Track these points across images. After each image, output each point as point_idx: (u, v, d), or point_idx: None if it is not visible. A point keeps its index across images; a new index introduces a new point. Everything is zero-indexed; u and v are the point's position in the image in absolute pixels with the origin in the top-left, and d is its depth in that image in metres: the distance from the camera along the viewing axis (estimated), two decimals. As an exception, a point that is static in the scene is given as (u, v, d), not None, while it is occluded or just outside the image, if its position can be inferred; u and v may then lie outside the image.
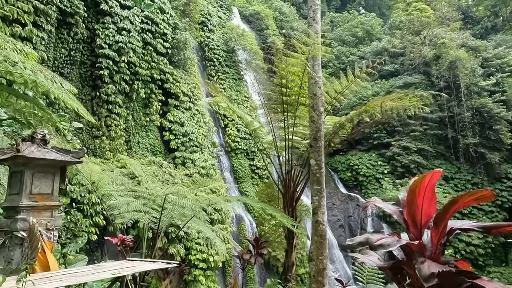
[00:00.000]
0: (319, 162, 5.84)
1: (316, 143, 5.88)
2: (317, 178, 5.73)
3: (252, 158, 24.98)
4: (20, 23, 13.22)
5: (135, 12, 18.54)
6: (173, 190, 5.14)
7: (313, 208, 5.47)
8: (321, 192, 5.62)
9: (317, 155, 5.85)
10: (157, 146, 19.12)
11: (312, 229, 5.38)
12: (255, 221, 22.54)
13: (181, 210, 4.57)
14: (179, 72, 21.53)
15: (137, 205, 4.73)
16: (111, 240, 5.69)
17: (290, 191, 6.52)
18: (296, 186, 6.54)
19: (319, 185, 5.65)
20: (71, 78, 16.24)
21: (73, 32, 16.02)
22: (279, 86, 6.15)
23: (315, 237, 5.35)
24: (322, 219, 5.58)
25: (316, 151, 5.85)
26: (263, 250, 9.93)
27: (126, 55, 17.53)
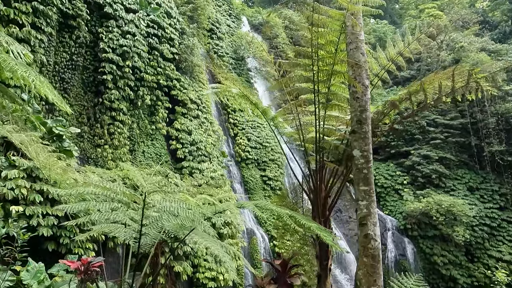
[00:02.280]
0: (365, 153, 4.39)
1: (361, 127, 4.43)
2: (364, 175, 4.27)
3: (263, 168, 23.71)
4: (18, 23, 12.47)
5: (141, 16, 17.81)
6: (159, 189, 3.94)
7: (360, 217, 4.13)
8: (371, 194, 4.24)
9: (362, 143, 4.39)
10: (163, 156, 18.05)
11: (359, 246, 4.06)
12: (267, 236, 21.11)
13: (174, 221, 3.36)
14: (186, 79, 20.64)
15: (103, 210, 3.42)
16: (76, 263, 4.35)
17: (321, 197, 5.16)
18: (329, 189, 5.21)
19: (367, 185, 4.25)
20: (73, 84, 15.41)
21: (75, 35, 15.27)
22: (306, 58, 4.95)
23: (364, 258, 3.94)
24: (374, 232, 4.09)
25: (362, 137, 4.40)
26: (295, 280, 6.83)
27: (130, 59, 16.69)
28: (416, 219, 24.65)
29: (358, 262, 3.91)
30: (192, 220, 3.02)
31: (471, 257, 24.04)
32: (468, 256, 24.06)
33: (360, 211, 4.13)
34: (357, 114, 4.56)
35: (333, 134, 5.29)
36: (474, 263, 23.87)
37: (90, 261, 3.72)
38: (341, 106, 5.16)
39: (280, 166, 24.41)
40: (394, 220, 26.32)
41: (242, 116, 24.92)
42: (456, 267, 23.57)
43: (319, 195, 5.01)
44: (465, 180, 26.73)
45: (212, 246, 5.02)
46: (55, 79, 14.67)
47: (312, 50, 4.83)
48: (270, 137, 25.18)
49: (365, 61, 4.35)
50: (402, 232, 25.74)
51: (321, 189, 5.05)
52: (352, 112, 4.44)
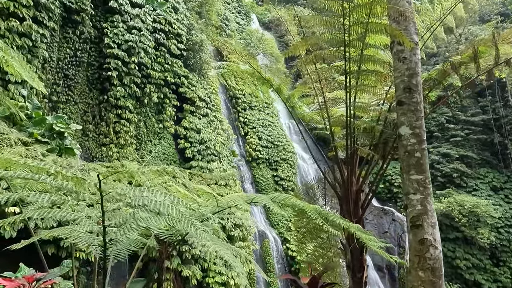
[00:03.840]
0: (417, 130, 3.32)
1: (411, 97, 3.37)
2: (416, 160, 3.22)
3: (275, 168, 22.87)
4: (18, 17, 11.97)
5: (147, 10, 17.24)
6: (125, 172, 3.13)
7: (412, 217, 3.17)
8: (426, 185, 3.22)
9: (413, 118, 3.34)
10: (171, 155, 17.40)
11: (410, 256, 3.15)
12: (280, 238, 20.25)
13: (154, 221, 2.56)
14: (195, 76, 19.98)
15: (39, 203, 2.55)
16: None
17: (352, 191, 4.24)
18: (362, 182, 4.27)
19: (420, 173, 3.18)
20: (77, 81, 14.89)
21: (79, 31, 14.76)
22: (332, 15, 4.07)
23: (419, 271, 2.84)
24: (433, 237, 3.10)
25: (412, 110, 3.36)
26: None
27: (136, 55, 16.11)
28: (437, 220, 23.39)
29: (410, 276, 3.00)
30: (182, 220, 2.24)
31: (497, 261, 22.67)
32: (493, 260, 22.69)
33: (411, 208, 3.17)
34: (405, 80, 3.48)
35: (366, 113, 4.41)
36: (500, 267, 22.50)
37: (38, 278, 2.99)
38: (379, 73, 4.22)
39: (292, 166, 23.55)
40: (413, 221, 25.11)
41: (252, 114, 24.17)
42: (481, 272, 22.24)
43: (350, 190, 4.09)
44: (488, 180, 25.34)
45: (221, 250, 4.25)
46: (58, 76, 14.17)
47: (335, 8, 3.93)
48: (282, 136, 24.34)
49: (412, 12, 3.45)
50: (421, 234, 24.52)
51: (351, 182, 4.14)
52: (397, 78, 3.48)
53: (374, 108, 4.49)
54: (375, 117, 4.43)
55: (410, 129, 3.28)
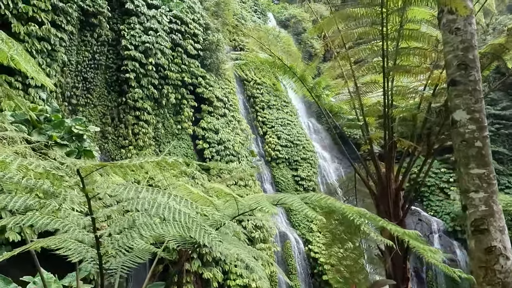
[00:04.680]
0: (477, 115, 2.76)
1: (467, 75, 2.83)
2: (476, 150, 2.69)
3: (295, 168, 22.37)
4: (37, 21, 12.06)
5: (163, 11, 17.18)
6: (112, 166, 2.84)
7: (474, 220, 2.66)
8: (491, 181, 2.67)
9: (470, 100, 2.77)
10: (189, 156, 17.25)
11: (473, 267, 2.62)
12: (302, 239, 19.76)
13: (163, 230, 2.19)
14: (212, 76, 19.79)
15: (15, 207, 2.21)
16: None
17: (391, 190, 3.74)
18: (402, 179, 3.75)
19: (483, 166, 2.68)
20: (96, 83, 14.95)
21: (96, 33, 14.81)
22: None
23: (486, 287, 2.46)
24: (502, 244, 2.54)
25: (468, 91, 2.81)
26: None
27: (153, 56, 16.05)
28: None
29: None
30: (194, 228, 1.88)
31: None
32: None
33: (472, 209, 2.62)
34: (459, 55, 2.90)
35: (405, 99, 3.90)
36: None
37: None
38: (423, 50, 3.67)
39: (313, 165, 22.99)
40: (441, 221, 24.02)
41: (271, 113, 23.78)
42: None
43: (388, 188, 3.62)
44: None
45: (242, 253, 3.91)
46: (77, 79, 14.25)
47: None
48: (301, 135, 23.83)
49: (463, -25, 2.95)
50: (450, 235, 23.37)
51: (389, 179, 3.66)
52: (448, 53, 2.96)
53: (415, 93, 3.96)
54: (414, 104, 3.92)
55: (468, 113, 2.76)
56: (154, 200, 1.93)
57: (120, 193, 2.07)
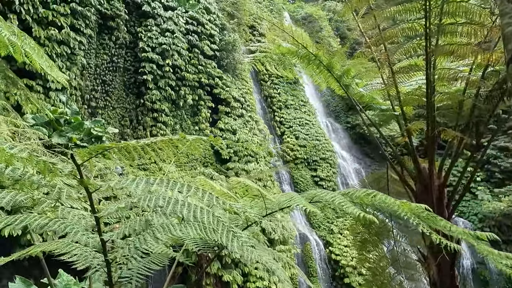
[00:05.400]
0: None
1: None
2: None
3: (314, 168, 21.97)
4: (56, 25, 12.22)
5: (179, 13, 17.18)
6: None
7: None
8: None
9: None
10: (207, 157, 17.14)
11: None
12: (322, 241, 19.33)
13: (182, 232, 1.93)
14: (229, 77, 19.67)
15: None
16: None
17: (434, 187, 3.38)
18: (446, 174, 3.42)
19: None
20: (114, 86, 15.06)
21: (114, 36, 14.93)
22: None
23: None
24: None
25: None
26: None
27: (170, 58, 16.05)
28: (496, 221, 21.24)
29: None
30: (220, 230, 1.62)
31: None
32: None
33: None
34: None
35: (449, 84, 3.50)
36: None
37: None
38: (471, 29, 3.26)
39: (332, 165, 22.50)
40: (468, 222, 23.02)
41: (288, 113, 23.46)
42: (551, 278, 19.81)
43: (431, 184, 3.28)
44: (555, 175, 22.65)
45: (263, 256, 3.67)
46: (96, 81, 14.38)
47: None
48: (320, 135, 23.40)
49: None
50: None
51: (432, 174, 3.32)
52: (506, 25, 2.55)
53: (460, 77, 3.54)
54: (458, 90, 3.52)
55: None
56: (169, 195, 1.66)
57: (127, 186, 1.69)
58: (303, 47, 3.72)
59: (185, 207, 1.72)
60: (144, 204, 1.62)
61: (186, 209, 1.69)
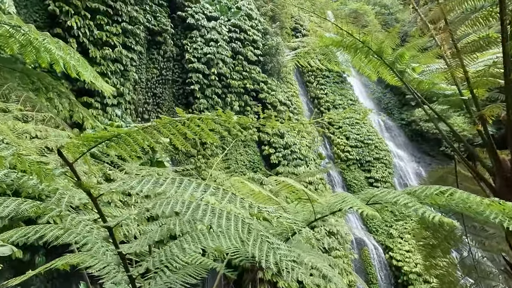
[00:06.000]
0: None
1: None
2: None
3: (367, 169, 20.94)
4: (110, 45, 13.05)
5: (222, 22, 17.51)
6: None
7: None
8: None
9: None
10: (256, 162, 17.12)
11: None
12: (381, 246, 18.25)
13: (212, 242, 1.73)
14: (273, 81, 19.58)
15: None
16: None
17: None
18: None
19: None
20: (164, 98, 15.69)
21: (162, 50, 15.60)
22: None
23: None
24: None
25: None
26: None
27: (215, 66, 16.37)
28: None
29: None
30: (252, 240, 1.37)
31: None
32: None
33: None
34: None
35: None
36: None
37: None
38: None
39: (387, 165, 21.27)
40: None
41: (337, 113, 22.70)
42: None
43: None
44: None
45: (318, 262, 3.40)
46: (148, 95, 15.09)
47: None
48: (372, 134, 22.29)
49: None
50: None
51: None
52: None
53: None
54: None
55: None
56: (188, 199, 1.47)
57: (131, 188, 1.48)
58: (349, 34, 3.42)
59: (207, 212, 1.49)
60: (159, 211, 1.46)
61: (209, 215, 1.47)
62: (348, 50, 3.72)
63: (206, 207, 1.51)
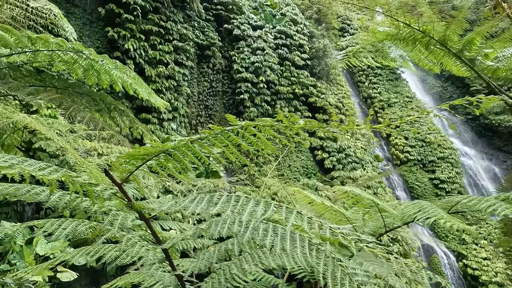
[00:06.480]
0: None
1: None
2: None
3: (431, 170, 19.46)
4: (163, 63, 13.76)
5: (267, 30, 17.63)
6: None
7: None
8: None
9: None
10: (310, 168, 16.79)
11: None
12: (452, 253, 16.74)
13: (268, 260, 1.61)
14: (323, 83, 19.17)
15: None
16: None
17: None
18: None
19: None
20: (216, 109, 16.12)
21: (211, 63, 16.09)
22: None
23: None
24: None
25: None
26: None
27: (263, 74, 16.48)
28: None
29: None
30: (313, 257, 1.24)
31: None
32: None
33: None
34: None
35: None
36: None
37: None
38: None
39: (454, 165, 19.58)
40: None
41: (393, 112, 21.55)
42: None
43: None
44: None
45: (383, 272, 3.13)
46: (200, 107, 15.61)
47: None
48: (434, 131, 20.73)
49: None
50: None
51: None
52: None
53: None
54: None
55: None
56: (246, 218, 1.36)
57: (185, 208, 1.39)
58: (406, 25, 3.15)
59: (268, 232, 1.37)
60: (215, 232, 1.37)
61: (271, 236, 1.35)
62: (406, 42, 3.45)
63: (266, 226, 1.40)
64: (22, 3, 3.32)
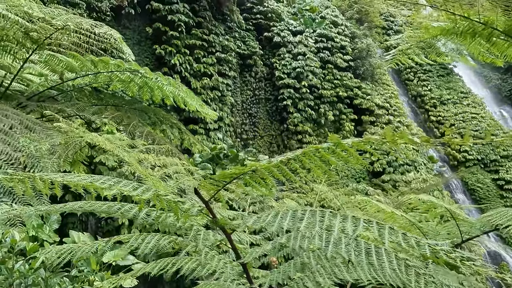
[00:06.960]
0: None
1: None
2: None
3: (494, 170, 17.92)
4: (207, 75, 14.22)
5: (308, 34, 17.54)
6: None
7: None
8: None
9: None
10: (358, 172, 16.26)
11: None
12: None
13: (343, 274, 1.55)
14: (367, 84, 18.58)
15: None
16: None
17: None
18: None
19: None
20: (260, 116, 16.28)
21: (253, 72, 16.33)
22: None
23: None
24: None
25: None
26: None
27: (306, 79, 16.38)
28: None
29: None
30: (401, 272, 1.18)
31: None
32: None
33: None
34: None
35: None
36: None
37: None
38: None
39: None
40: None
41: (446, 109, 20.25)
42: None
43: None
44: None
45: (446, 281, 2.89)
46: (244, 116, 15.87)
47: None
48: (495, 127, 19.12)
49: None
50: None
51: None
52: None
53: None
54: None
55: None
56: (327, 232, 1.34)
57: (268, 224, 1.40)
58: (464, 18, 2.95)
59: (351, 247, 1.33)
60: (296, 245, 1.37)
61: (355, 251, 1.31)
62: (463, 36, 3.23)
63: (348, 241, 1.37)
64: (87, 31, 3.66)
